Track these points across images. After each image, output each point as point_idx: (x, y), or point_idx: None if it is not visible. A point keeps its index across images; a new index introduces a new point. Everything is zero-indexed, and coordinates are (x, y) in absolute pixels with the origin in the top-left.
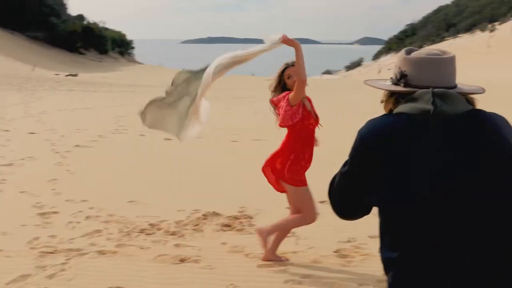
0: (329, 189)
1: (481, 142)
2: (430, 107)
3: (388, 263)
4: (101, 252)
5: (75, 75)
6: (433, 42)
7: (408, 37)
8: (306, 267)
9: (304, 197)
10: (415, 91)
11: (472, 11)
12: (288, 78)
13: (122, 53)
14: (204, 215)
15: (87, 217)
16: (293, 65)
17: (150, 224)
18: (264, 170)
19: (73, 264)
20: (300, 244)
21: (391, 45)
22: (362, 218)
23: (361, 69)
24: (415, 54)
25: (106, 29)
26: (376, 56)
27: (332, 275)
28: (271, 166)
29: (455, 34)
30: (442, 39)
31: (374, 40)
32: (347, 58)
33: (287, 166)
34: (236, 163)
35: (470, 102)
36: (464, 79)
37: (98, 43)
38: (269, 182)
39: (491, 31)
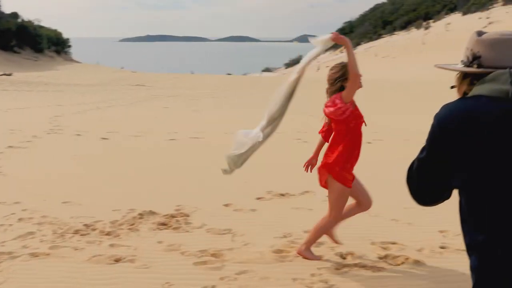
0: (407, 177)
1: None
2: (508, 87)
3: (472, 246)
4: (34, 255)
5: (9, 75)
6: (370, 39)
7: (346, 35)
8: (242, 263)
9: (342, 197)
10: (491, 72)
11: (407, 9)
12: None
13: (58, 52)
14: (140, 214)
15: (20, 219)
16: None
17: (85, 225)
18: (320, 170)
19: (4, 268)
20: (236, 241)
21: None
22: (297, 214)
23: None
24: (488, 35)
25: (42, 27)
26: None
27: (267, 271)
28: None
29: (391, 31)
30: (379, 36)
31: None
32: (286, 55)
33: (339, 163)
34: (173, 161)
35: None
36: (400, 75)
37: (33, 42)
38: (320, 181)
39: (426, 28)
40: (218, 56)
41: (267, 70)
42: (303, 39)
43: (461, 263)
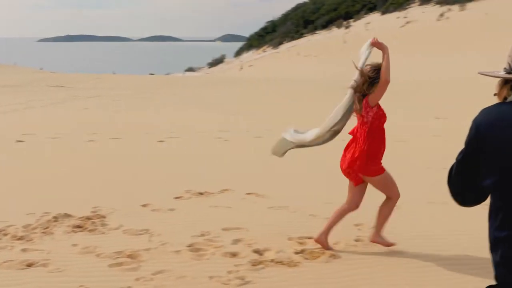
0: (447, 179)
1: None
2: None
3: (496, 242)
4: None
5: None
6: (293, 38)
7: (268, 34)
8: (158, 263)
9: (387, 181)
10: None
11: (328, 8)
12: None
13: None
14: (54, 217)
15: None
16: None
17: None
18: (348, 173)
19: None
20: (153, 241)
21: (252, 42)
22: (216, 212)
23: (223, 66)
24: None
25: None
26: (238, 53)
27: (184, 270)
28: (351, 167)
29: (313, 30)
30: (300, 35)
31: (236, 37)
32: (210, 55)
33: (368, 162)
34: (92, 163)
35: None
36: (322, 74)
37: None
38: (354, 180)
39: (346, 27)
40: (141, 56)
41: (190, 69)
42: (227, 38)
43: (374, 255)
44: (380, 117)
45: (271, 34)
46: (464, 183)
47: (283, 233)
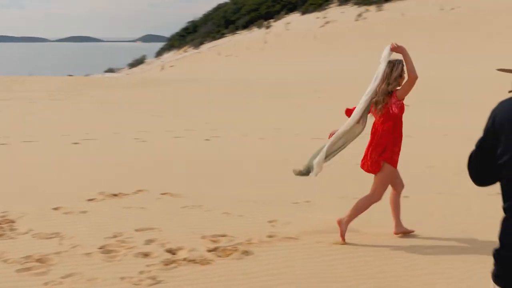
0: (468, 163)
1: None
2: None
3: (504, 232)
4: None
5: None
6: (214, 38)
7: (189, 34)
8: (69, 266)
9: (389, 177)
10: None
11: (249, 8)
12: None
13: None
14: None
15: None
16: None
17: None
18: (377, 162)
19: None
20: (64, 244)
21: (173, 42)
22: (129, 213)
23: (144, 67)
24: None
25: None
26: (159, 53)
27: (95, 272)
28: (375, 159)
29: (234, 30)
30: (222, 35)
31: (157, 37)
32: (130, 55)
33: (393, 151)
34: (2, 167)
35: None
36: (243, 73)
37: None
38: (375, 169)
39: (267, 27)
40: (59, 57)
41: (110, 70)
42: (147, 38)
43: (287, 250)
44: (403, 109)
45: (192, 34)
46: (482, 165)
47: (197, 232)
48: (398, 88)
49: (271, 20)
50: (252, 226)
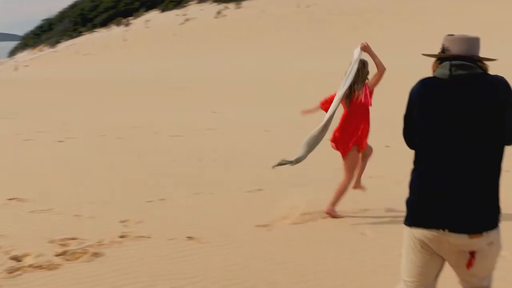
0: (402, 133)
1: (481, 94)
2: (448, 73)
3: (412, 181)
4: None
5: None
6: (71, 36)
7: (45, 32)
8: None
9: (356, 159)
10: (446, 61)
11: (106, 6)
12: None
13: None
14: None
15: None
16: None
17: None
18: (349, 146)
19: None
20: None
21: (27, 41)
22: None
23: None
24: (451, 36)
25: None
26: (12, 53)
27: None
28: (358, 141)
29: (92, 28)
30: (79, 33)
31: (9, 36)
32: None
33: (365, 136)
34: None
35: (484, 69)
36: (101, 72)
37: None
38: (344, 152)
39: (126, 25)
40: None
41: None
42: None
43: (139, 249)
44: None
45: (47, 33)
46: (409, 133)
47: (45, 236)
48: (367, 81)
49: (130, 17)
50: (104, 227)
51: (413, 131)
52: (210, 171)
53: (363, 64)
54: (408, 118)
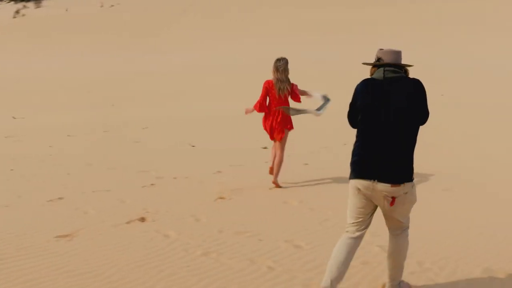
0: (347, 116)
1: (404, 90)
2: (382, 75)
3: (354, 149)
4: None
5: None
6: None
7: None
8: None
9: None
10: (380, 67)
11: None
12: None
13: None
14: None
15: None
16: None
17: None
18: (283, 131)
19: None
20: None
21: None
22: None
23: None
24: (382, 50)
25: None
26: None
27: None
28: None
29: None
30: None
31: None
32: None
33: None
34: None
35: (406, 72)
36: None
37: None
38: (281, 136)
39: None
40: None
41: None
42: None
43: None
44: None
45: None
46: (352, 115)
47: None
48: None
49: None
50: None
51: (356, 115)
52: (7, 182)
53: (286, 63)
54: (353, 105)
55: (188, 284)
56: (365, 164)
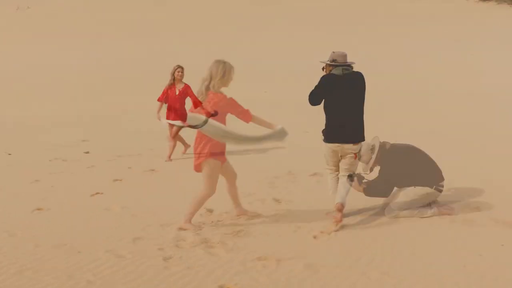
0: (309, 95)
1: (356, 81)
2: (341, 72)
3: (326, 121)
4: None
5: None
6: None
7: None
8: None
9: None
10: (337, 66)
11: None
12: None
13: None
14: None
15: None
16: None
17: None
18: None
19: None
20: None
21: None
22: None
23: None
24: (335, 53)
25: None
26: None
27: None
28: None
29: None
30: None
31: None
32: None
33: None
34: None
35: (352, 68)
36: None
37: None
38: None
39: None
40: None
41: None
42: None
43: None
44: None
45: None
46: (315, 98)
47: None
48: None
49: None
50: None
51: (320, 97)
52: None
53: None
54: (318, 89)
55: None
56: (334, 133)
